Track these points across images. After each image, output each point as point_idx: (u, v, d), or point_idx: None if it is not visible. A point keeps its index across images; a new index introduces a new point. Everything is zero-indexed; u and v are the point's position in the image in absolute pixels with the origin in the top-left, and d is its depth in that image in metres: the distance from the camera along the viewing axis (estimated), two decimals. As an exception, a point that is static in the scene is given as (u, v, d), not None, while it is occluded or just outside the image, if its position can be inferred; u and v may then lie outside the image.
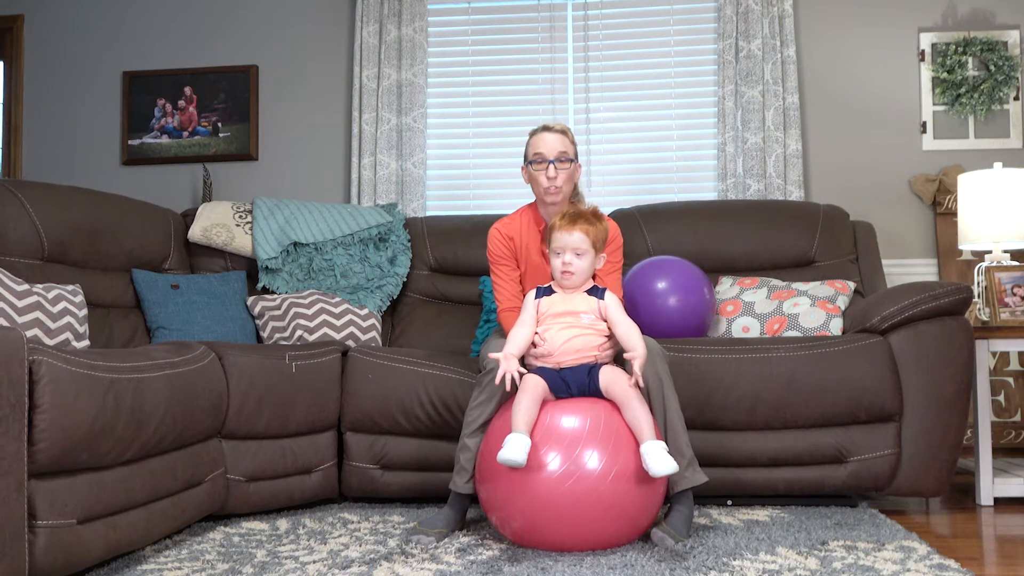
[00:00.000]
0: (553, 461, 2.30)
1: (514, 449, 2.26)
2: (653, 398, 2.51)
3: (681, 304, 3.22)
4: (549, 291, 2.61)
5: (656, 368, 2.53)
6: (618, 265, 2.91)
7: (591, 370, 2.47)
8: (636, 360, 2.41)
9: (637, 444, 2.36)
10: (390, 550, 2.42)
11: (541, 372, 2.48)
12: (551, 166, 2.78)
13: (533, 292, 2.63)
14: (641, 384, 2.43)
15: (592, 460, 2.30)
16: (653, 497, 2.41)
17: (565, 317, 2.53)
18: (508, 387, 2.42)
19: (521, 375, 2.43)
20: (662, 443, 2.34)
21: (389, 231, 3.92)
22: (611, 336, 2.55)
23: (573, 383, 2.46)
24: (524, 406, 2.36)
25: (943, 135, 4.25)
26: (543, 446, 2.33)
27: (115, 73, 4.66)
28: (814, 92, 4.32)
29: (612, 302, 2.57)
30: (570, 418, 2.37)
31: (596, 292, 2.59)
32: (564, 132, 2.84)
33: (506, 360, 2.43)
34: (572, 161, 2.82)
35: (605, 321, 2.54)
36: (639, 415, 2.37)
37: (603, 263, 2.64)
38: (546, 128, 2.85)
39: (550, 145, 2.80)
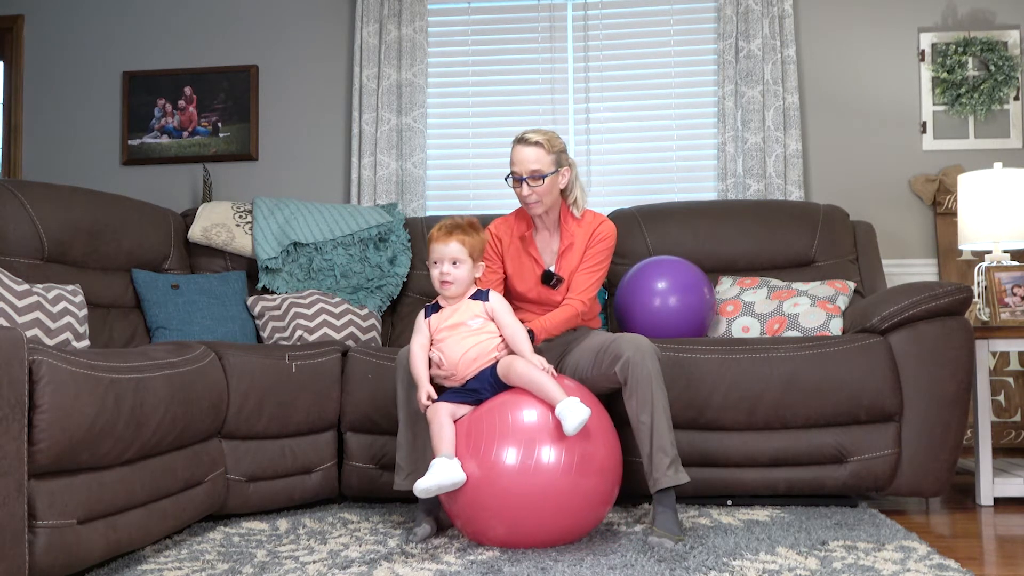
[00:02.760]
0: (510, 456, 2.32)
1: (436, 475, 2.32)
2: (641, 395, 2.52)
3: (681, 304, 3.22)
4: (437, 307, 2.64)
5: (647, 365, 2.53)
6: (598, 266, 2.90)
7: (493, 369, 2.50)
8: (534, 360, 2.46)
9: (599, 433, 2.40)
10: (390, 550, 2.42)
11: (450, 396, 2.51)
12: (524, 184, 2.80)
13: (422, 312, 2.66)
14: (550, 370, 2.46)
15: (549, 455, 2.32)
16: (609, 488, 2.45)
17: (458, 329, 2.56)
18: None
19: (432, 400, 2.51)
20: (573, 397, 2.35)
21: (389, 231, 3.92)
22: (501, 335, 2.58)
23: (484, 389, 2.49)
24: (437, 433, 2.42)
25: (943, 135, 4.25)
26: (501, 443, 2.34)
27: (115, 73, 4.66)
28: (814, 92, 4.32)
29: (498, 303, 2.59)
30: (528, 412, 2.38)
31: (480, 295, 2.61)
32: (540, 144, 2.80)
33: (421, 394, 2.52)
34: (547, 176, 2.80)
35: (494, 322, 2.57)
36: (543, 383, 2.39)
37: (481, 272, 2.65)
38: (521, 140, 2.83)
39: (523, 162, 2.80)
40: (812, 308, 3.26)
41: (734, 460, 2.94)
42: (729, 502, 3.01)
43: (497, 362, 2.51)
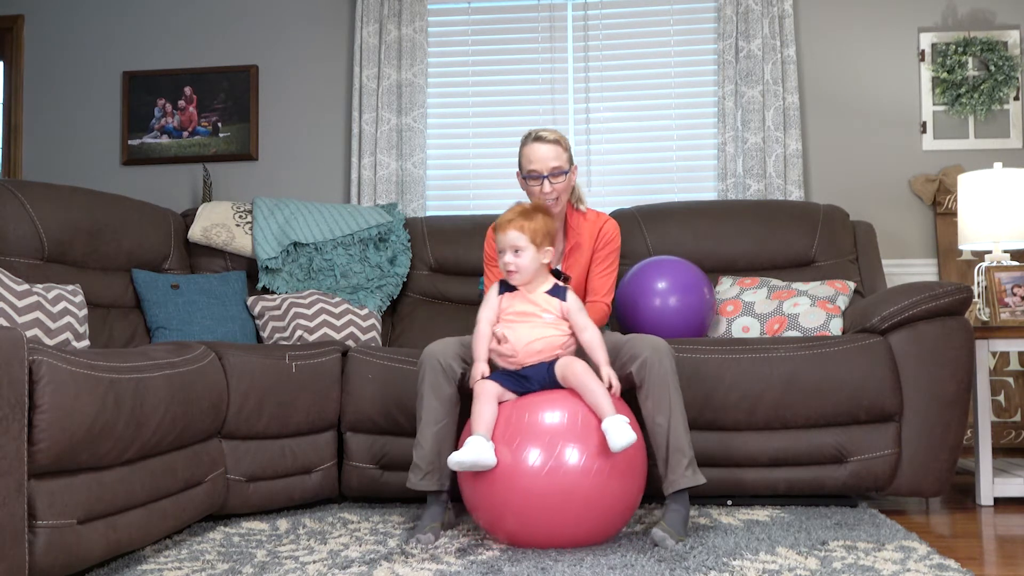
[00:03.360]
0: (534, 457, 2.32)
1: (468, 451, 2.32)
2: (658, 396, 2.51)
3: (681, 304, 3.22)
4: (513, 288, 2.62)
5: (664, 366, 2.53)
6: (612, 267, 2.91)
7: (551, 365, 2.50)
8: (605, 373, 2.46)
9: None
10: (390, 550, 2.42)
11: (501, 378, 2.50)
12: (545, 182, 2.78)
13: (496, 286, 2.63)
14: (618, 389, 2.46)
15: (573, 455, 2.32)
16: (633, 491, 2.44)
17: (529, 317, 2.55)
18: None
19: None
20: (623, 416, 2.35)
21: (389, 231, 3.92)
22: (571, 335, 2.57)
23: (535, 380, 2.49)
24: (479, 412, 2.41)
25: (943, 135, 4.25)
26: (524, 443, 2.34)
27: (115, 73, 4.66)
28: (814, 92, 4.32)
29: (574, 305, 2.58)
30: (550, 413, 2.38)
31: (558, 293, 2.60)
32: (557, 141, 2.80)
33: (477, 370, 2.52)
34: (566, 172, 2.81)
35: (566, 321, 2.56)
36: (597, 393, 2.39)
37: (548, 256, 2.61)
38: (538, 138, 2.81)
39: (543, 159, 2.78)
40: (812, 308, 3.26)
41: (734, 460, 2.94)
42: (729, 502, 3.01)
43: (554, 359, 2.50)
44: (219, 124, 4.57)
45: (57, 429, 1.95)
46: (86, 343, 2.96)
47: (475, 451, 2.32)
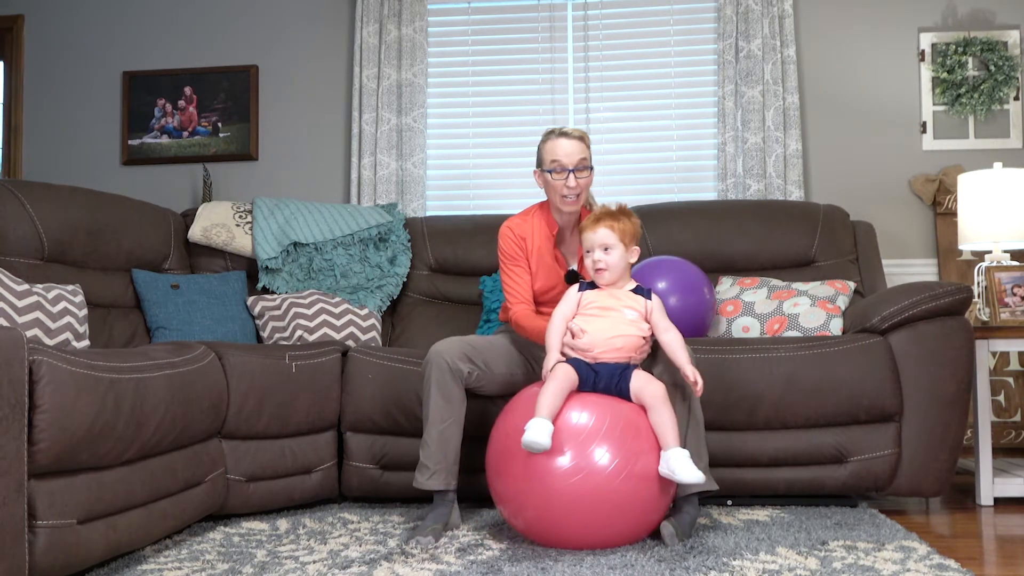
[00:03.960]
0: (564, 456, 2.31)
1: (537, 432, 2.27)
2: (681, 402, 2.52)
3: (681, 304, 3.22)
4: (592, 286, 2.61)
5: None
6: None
7: (624, 370, 2.46)
8: (690, 371, 2.46)
9: (656, 446, 2.37)
10: (390, 550, 2.42)
11: (574, 364, 2.47)
12: (571, 175, 2.74)
13: (576, 286, 2.62)
14: (700, 386, 2.47)
15: (603, 457, 2.30)
16: (663, 499, 2.42)
17: (610, 313, 2.53)
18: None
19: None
20: (686, 451, 2.34)
21: (389, 231, 3.92)
22: (649, 338, 2.55)
23: (603, 378, 2.45)
24: (551, 394, 2.37)
25: (943, 135, 4.25)
26: (556, 440, 2.32)
27: (115, 73, 4.66)
28: (814, 92, 4.32)
29: (658, 306, 2.56)
30: (585, 414, 2.36)
31: (642, 292, 2.58)
32: (582, 138, 2.79)
33: (550, 360, 2.48)
34: (591, 168, 2.80)
35: (648, 322, 2.54)
36: (665, 420, 2.37)
37: (635, 256, 2.62)
38: (564, 133, 2.79)
39: (569, 153, 2.75)
40: (812, 308, 3.26)
41: (734, 460, 2.94)
42: (729, 502, 3.01)
43: (629, 364, 2.48)
44: (219, 124, 4.57)
45: (57, 429, 1.95)
46: (86, 343, 2.96)
47: (535, 432, 2.27)
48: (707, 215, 3.83)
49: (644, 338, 2.53)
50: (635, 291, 2.59)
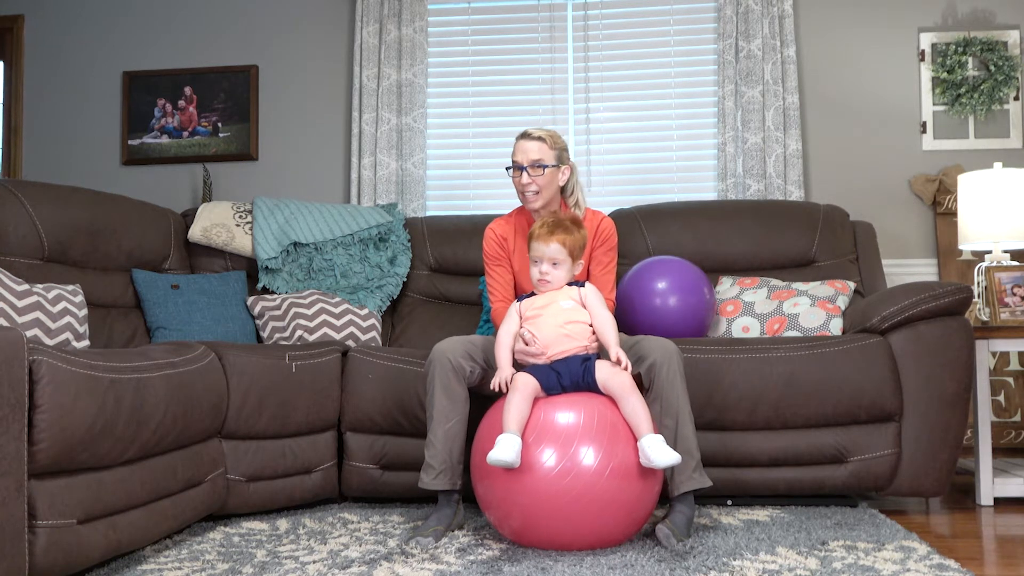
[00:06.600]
0: (549, 458, 2.30)
1: (505, 450, 2.27)
2: (667, 399, 2.52)
3: (681, 304, 3.22)
4: (530, 295, 2.67)
5: (673, 369, 2.54)
6: (611, 264, 2.94)
7: (584, 361, 2.47)
8: (613, 352, 2.47)
9: (633, 438, 2.37)
10: (390, 550, 2.42)
11: (533, 370, 2.48)
12: (524, 173, 2.84)
13: (516, 302, 2.67)
14: (629, 367, 2.46)
15: (588, 456, 2.30)
16: (650, 492, 2.41)
17: (549, 307, 2.56)
18: (504, 390, 2.47)
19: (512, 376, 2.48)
20: (660, 436, 2.35)
21: (389, 231, 3.92)
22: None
23: (566, 375, 2.45)
24: (515, 405, 2.37)
25: (943, 135, 4.25)
26: (538, 443, 2.33)
27: (115, 73, 4.66)
28: (814, 92, 4.32)
29: (591, 291, 2.61)
30: (565, 414, 2.37)
31: (576, 283, 2.63)
32: (543, 139, 2.86)
33: (501, 375, 2.50)
34: (548, 167, 2.85)
35: (586, 309, 2.58)
36: (637, 409, 2.38)
37: (580, 269, 2.68)
38: (525, 135, 2.89)
39: (524, 151, 2.85)
40: (812, 308, 3.26)
41: (734, 460, 2.94)
42: (729, 502, 3.01)
43: (588, 354, 2.50)
44: (219, 124, 4.57)
45: (57, 429, 1.95)
46: (86, 343, 2.96)
47: (503, 450, 2.27)
48: (707, 215, 3.83)
49: (589, 324, 2.55)
50: (569, 283, 2.63)
